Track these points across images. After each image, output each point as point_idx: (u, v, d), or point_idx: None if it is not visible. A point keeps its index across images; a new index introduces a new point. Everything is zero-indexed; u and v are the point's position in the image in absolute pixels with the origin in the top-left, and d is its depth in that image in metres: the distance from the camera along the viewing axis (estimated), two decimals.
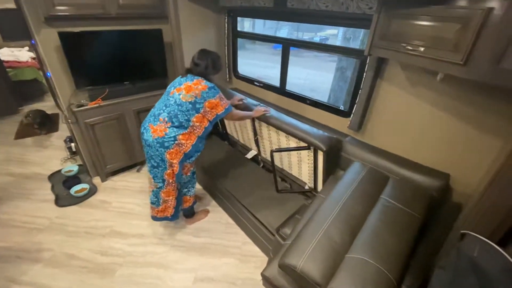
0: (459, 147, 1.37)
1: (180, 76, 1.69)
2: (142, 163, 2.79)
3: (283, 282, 1.21)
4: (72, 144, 2.77)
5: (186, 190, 1.93)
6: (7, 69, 3.90)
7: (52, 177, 2.58)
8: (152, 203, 1.87)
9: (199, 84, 1.58)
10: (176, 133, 1.59)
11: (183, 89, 1.59)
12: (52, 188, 2.43)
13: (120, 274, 1.72)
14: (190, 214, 2.10)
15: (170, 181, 1.71)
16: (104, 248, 1.90)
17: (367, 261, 1.00)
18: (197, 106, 1.58)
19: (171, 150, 1.60)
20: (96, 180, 2.56)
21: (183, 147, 1.62)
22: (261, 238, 1.83)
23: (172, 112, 1.58)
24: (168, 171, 1.67)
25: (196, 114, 1.60)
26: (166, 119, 1.59)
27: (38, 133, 3.40)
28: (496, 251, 0.85)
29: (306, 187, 2.01)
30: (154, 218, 1.92)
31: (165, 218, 1.91)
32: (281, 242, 1.48)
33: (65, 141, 2.87)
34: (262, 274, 1.27)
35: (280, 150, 1.93)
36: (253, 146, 2.45)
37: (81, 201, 2.30)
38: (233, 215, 2.13)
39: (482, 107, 1.24)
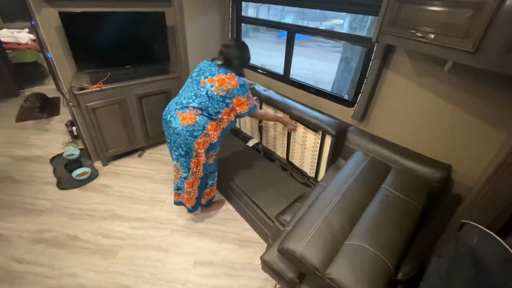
0: (463, 139, 1.36)
1: (210, 62, 1.66)
2: (143, 149, 2.79)
3: (282, 267, 1.23)
4: (74, 128, 2.77)
5: (211, 181, 1.91)
6: (7, 51, 3.86)
7: (54, 160, 2.59)
8: (178, 188, 1.86)
9: (232, 80, 1.57)
10: (206, 122, 1.58)
11: (215, 81, 1.56)
12: (54, 171, 2.45)
13: (121, 256, 1.75)
14: (207, 203, 2.10)
15: (195, 170, 1.69)
16: (106, 231, 1.92)
17: (366, 248, 1.02)
18: (227, 101, 1.58)
19: (199, 140, 1.58)
20: (98, 164, 2.57)
21: (210, 137, 1.62)
22: (261, 225, 1.85)
23: (203, 103, 1.56)
24: (194, 160, 1.65)
25: (226, 109, 1.60)
26: (196, 107, 1.57)
27: (39, 117, 3.39)
28: (495, 241, 0.85)
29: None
30: (177, 203, 1.95)
31: (185, 205, 1.92)
32: (280, 229, 1.49)
33: (66, 124, 2.87)
34: (261, 258, 1.29)
35: (297, 120, 1.91)
36: (255, 134, 2.45)
37: (82, 185, 2.32)
38: (233, 201, 2.15)
39: (489, 99, 1.22)
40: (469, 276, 0.83)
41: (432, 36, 1.00)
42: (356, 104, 1.73)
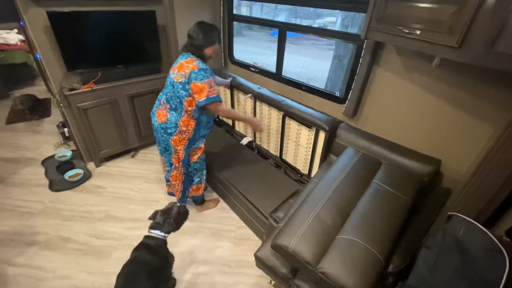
0: (452, 134, 1.39)
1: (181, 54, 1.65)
2: (136, 149, 2.77)
3: (275, 263, 1.24)
4: (65, 129, 2.74)
5: (198, 179, 1.92)
6: None
7: (46, 162, 2.56)
8: (167, 181, 1.96)
9: (190, 63, 1.47)
10: (176, 119, 1.56)
11: (176, 68, 1.52)
12: (46, 173, 2.42)
13: (116, 257, 1.74)
14: (200, 201, 2.09)
15: (177, 165, 1.72)
16: (100, 232, 1.91)
17: (356, 242, 1.03)
18: (187, 87, 1.47)
19: (175, 137, 1.59)
20: (90, 165, 2.55)
21: (186, 134, 1.61)
22: (255, 222, 1.86)
23: (168, 93, 1.56)
24: (174, 156, 1.68)
25: (187, 98, 1.50)
26: (165, 101, 1.57)
27: (30, 118, 3.34)
28: (480, 231, 0.88)
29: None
30: (170, 193, 2.05)
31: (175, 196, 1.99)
32: (274, 225, 1.50)
33: (57, 126, 2.84)
34: (255, 255, 1.30)
35: (291, 116, 1.91)
36: (248, 132, 2.46)
37: (75, 186, 2.29)
38: (228, 199, 2.15)
39: (477, 94, 1.25)
40: (456, 266, 0.85)
41: (418, 32, 1.02)
42: (347, 101, 1.75)
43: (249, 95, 2.16)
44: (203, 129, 1.71)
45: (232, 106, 2.50)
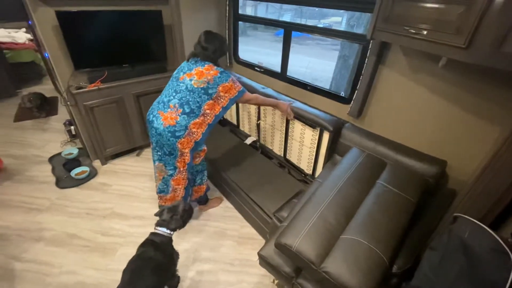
0: (458, 135, 1.38)
1: (186, 61, 1.66)
2: (141, 147, 2.80)
3: (279, 261, 1.24)
4: (72, 127, 2.78)
5: (199, 180, 1.92)
6: (4, 51, 3.85)
7: (52, 159, 2.60)
8: (161, 191, 1.85)
9: (211, 70, 1.57)
10: (187, 122, 1.56)
11: (194, 75, 1.56)
12: (53, 170, 2.45)
13: (121, 253, 1.76)
14: (203, 200, 2.09)
15: (181, 169, 1.70)
16: (105, 229, 1.93)
17: (360, 242, 1.03)
18: (210, 91, 1.56)
19: (183, 140, 1.57)
20: (96, 163, 2.58)
21: (194, 135, 1.61)
22: (259, 222, 1.86)
23: (183, 98, 1.55)
24: (179, 160, 1.65)
25: (208, 101, 1.58)
26: (177, 105, 1.55)
27: (37, 116, 3.39)
28: (486, 232, 0.87)
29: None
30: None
31: None
32: (277, 224, 1.51)
33: (64, 124, 2.88)
34: (259, 254, 1.31)
35: (295, 116, 1.91)
36: (253, 132, 2.46)
37: (81, 183, 2.33)
38: (231, 199, 2.16)
39: (482, 95, 1.24)
40: (461, 267, 0.84)
41: (425, 32, 1.01)
42: (352, 101, 1.74)
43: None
44: (209, 131, 1.72)
45: (235, 106, 2.51)
